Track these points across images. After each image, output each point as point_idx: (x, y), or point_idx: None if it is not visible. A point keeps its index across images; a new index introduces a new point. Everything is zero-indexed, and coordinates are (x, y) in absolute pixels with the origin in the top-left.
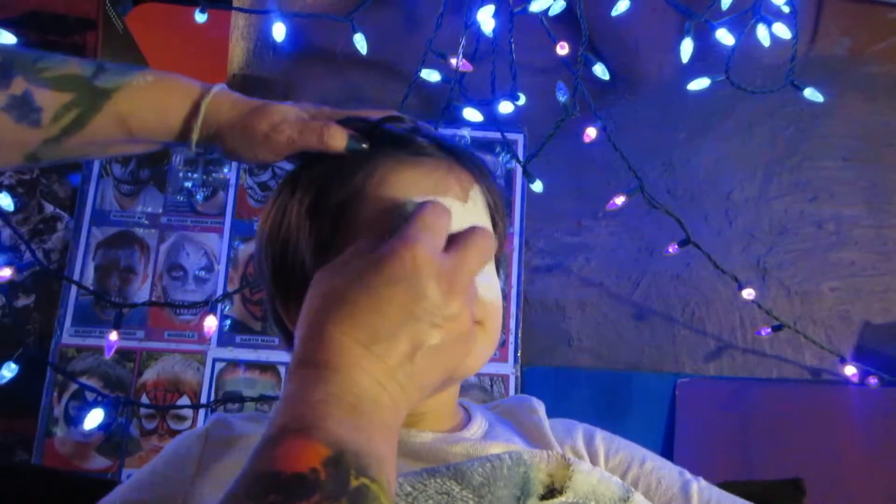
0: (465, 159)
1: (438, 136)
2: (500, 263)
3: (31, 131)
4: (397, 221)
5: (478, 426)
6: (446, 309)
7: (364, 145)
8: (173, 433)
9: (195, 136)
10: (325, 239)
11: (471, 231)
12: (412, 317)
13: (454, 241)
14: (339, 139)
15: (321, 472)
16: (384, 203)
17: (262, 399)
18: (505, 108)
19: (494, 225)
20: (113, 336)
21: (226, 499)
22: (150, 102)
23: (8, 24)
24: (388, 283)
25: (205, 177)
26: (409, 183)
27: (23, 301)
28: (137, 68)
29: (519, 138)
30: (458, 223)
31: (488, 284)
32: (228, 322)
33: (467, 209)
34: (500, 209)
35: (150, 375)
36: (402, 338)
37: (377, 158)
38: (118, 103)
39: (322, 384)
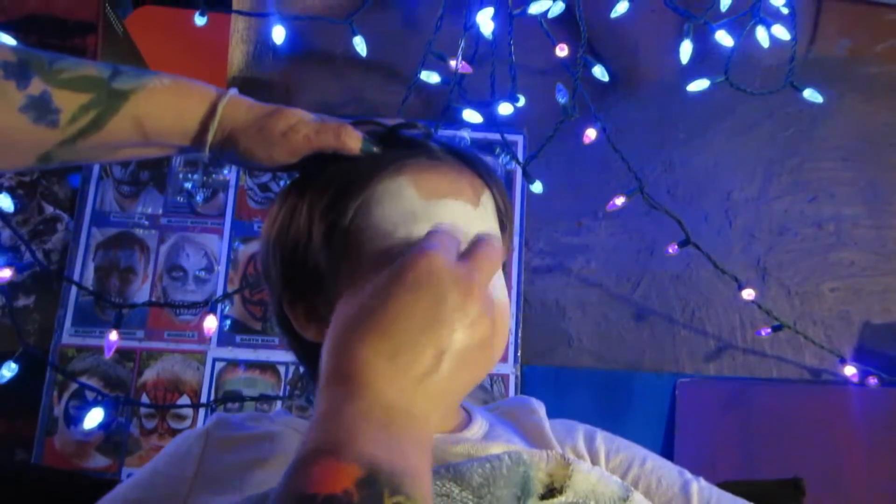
0: (477, 165)
1: (450, 142)
2: (506, 266)
3: (47, 132)
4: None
5: (478, 427)
6: (467, 312)
7: (376, 148)
8: (173, 432)
9: (210, 137)
10: (341, 240)
11: (481, 240)
12: (435, 322)
13: (466, 252)
14: (354, 139)
15: (354, 494)
16: (401, 205)
17: (262, 398)
18: (504, 109)
19: (503, 228)
20: (113, 336)
21: None
22: (167, 104)
23: (8, 28)
24: (408, 290)
25: (205, 178)
26: (425, 185)
27: (23, 301)
28: (152, 72)
29: (518, 139)
30: (469, 226)
31: (496, 286)
32: (228, 322)
33: (478, 213)
34: (508, 213)
35: (150, 375)
36: (426, 345)
37: (393, 161)
38: (135, 105)
39: (350, 401)
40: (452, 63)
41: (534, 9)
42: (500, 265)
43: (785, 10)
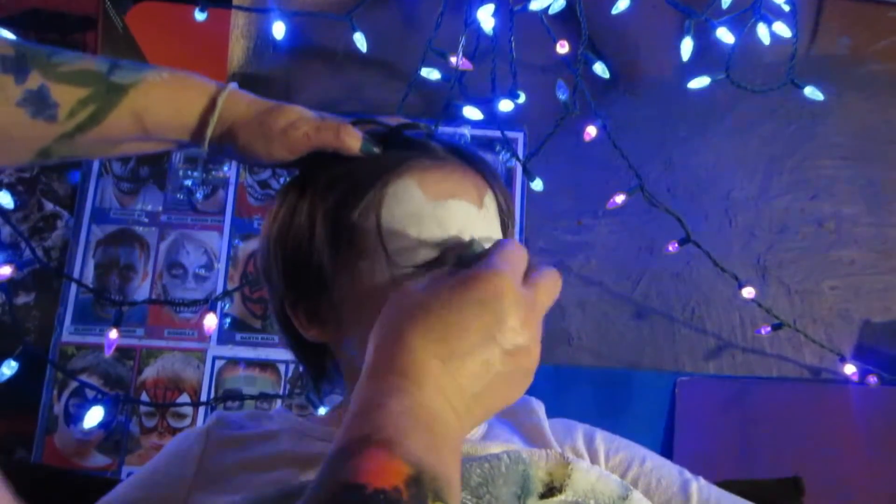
0: (479, 164)
1: (453, 142)
2: None
3: (46, 126)
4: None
5: (478, 427)
6: (521, 338)
7: (377, 149)
8: (173, 431)
9: (210, 132)
10: (347, 241)
11: (548, 271)
12: (490, 339)
13: (529, 277)
14: (354, 139)
15: (403, 492)
16: (408, 206)
17: (262, 397)
18: (505, 106)
19: (505, 227)
20: (113, 334)
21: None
22: (167, 98)
23: (8, 23)
24: (473, 302)
25: (205, 175)
26: (430, 186)
27: (23, 299)
28: (151, 66)
29: (519, 137)
30: (472, 227)
31: None
32: (228, 320)
33: (482, 214)
34: (510, 213)
35: (150, 373)
36: (477, 359)
37: (398, 162)
38: (135, 99)
39: (400, 395)
40: (453, 60)
41: (535, 5)
42: (558, 293)
43: (786, 8)
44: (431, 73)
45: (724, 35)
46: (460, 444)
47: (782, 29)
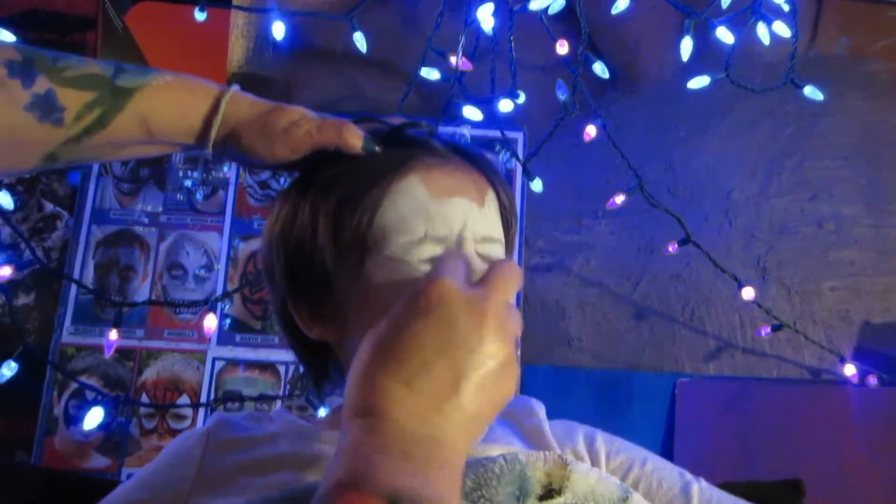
0: (481, 163)
1: (455, 140)
2: None
3: (53, 131)
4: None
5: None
6: (481, 336)
7: (378, 147)
8: (173, 432)
9: (213, 134)
10: (350, 239)
11: (496, 264)
12: (447, 346)
13: (483, 276)
14: (356, 137)
15: None
16: (412, 204)
17: (262, 398)
18: (505, 106)
19: (508, 226)
20: (113, 335)
21: None
22: (172, 101)
23: (6, 23)
24: (420, 316)
25: (204, 175)
26: (433, 184)
27: (22, 300)
28: (155, 69)
29: (519, 136)
30: (474, 225)
31: None
32: (228, 321)
33: (483, 212)
34: (513, 211)
35: (149, 374)
36: (440, 368)
37: (402, 161)
38: (140, 103)
39: (371, 433)
40: (453, 59)
41: (534, 5)
42: (518, 285)
43: (786, 7)
44: (431, 73)
45: (724, 35)
46: (454, 458)
47: (782, 28)
